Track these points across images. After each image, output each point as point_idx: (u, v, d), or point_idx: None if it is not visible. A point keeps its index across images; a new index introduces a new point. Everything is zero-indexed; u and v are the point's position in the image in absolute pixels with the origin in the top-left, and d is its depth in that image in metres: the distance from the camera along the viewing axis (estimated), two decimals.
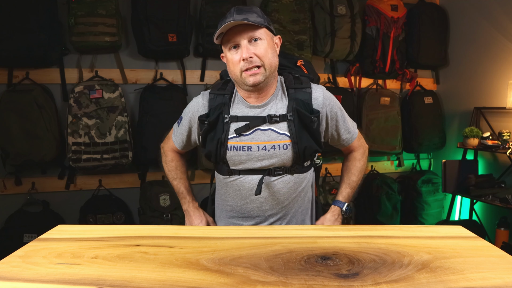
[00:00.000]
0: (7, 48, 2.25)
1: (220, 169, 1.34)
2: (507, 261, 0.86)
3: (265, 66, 1.19)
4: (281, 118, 1.24)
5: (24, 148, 2.34)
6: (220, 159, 1.28)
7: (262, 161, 1.26)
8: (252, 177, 1.27)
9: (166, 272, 0.80)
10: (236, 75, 1.21)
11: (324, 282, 0.76)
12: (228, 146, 1.25)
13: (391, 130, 3.11)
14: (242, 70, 1.18)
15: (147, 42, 2.48)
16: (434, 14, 3.13)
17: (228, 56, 1.21)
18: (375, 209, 3.09)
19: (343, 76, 3.19)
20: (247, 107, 1.27)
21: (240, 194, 1.31)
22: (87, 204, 2.60)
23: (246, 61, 1.17)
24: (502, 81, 2.77)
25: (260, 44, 1.18)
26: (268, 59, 1.19)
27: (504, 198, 2.46)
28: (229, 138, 1.25)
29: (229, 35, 1.18)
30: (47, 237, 0.99)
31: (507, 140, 2.58)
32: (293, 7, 2.74)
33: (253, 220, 1.33)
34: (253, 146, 1.24)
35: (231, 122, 1.25)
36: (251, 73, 1.18)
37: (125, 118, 2.50)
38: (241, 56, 1.17)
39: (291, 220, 1.35)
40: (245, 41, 1.17)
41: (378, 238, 0.99)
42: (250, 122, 1.24)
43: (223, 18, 1.18)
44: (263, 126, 1.25)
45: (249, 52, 1.16)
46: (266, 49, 1.19)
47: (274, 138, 1.24)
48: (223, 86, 1.32)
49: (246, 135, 1.25)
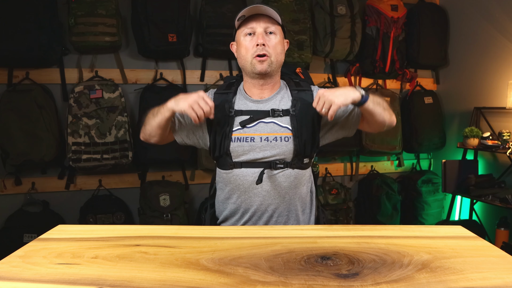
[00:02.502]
0: (7, 48, 2.25)
1: (222, 164, 1.35)
2: (507, 261, 0.86)
3: (272, 58, 1.28)
4: (284, 113, 1.31)
5: (24, 148, 2.34)
6: (224, 151, 1.32)
7: (264, 151, 1.30)
8: (254, 169, 1.31)
9: (166, 272, 0.80)
10: (247, 60, 1.29)
11: (324, 282, 0.76)
12: (232, 138, 1.31)
13: (391, 130, 3.07)
14: (253, 55, 1.27)
15: (147, 42, 2.48)
16: (434, 14, 3.13)
17: (242, 41, 1.30)
18: (375, 209, 3.09)
19: (343, 76, 3.19)
20: (251, 102, 1.34)
21: (244, 188, 1.33)
22: (87, 204, 2.60)
23: (259, 47, 1.26)
24: (502, 81, 2.77)
25: (273, 38, 1.30)
26: (276, 53, 1.29)
27: (504, 198, 2.46)
28: (234, 130, 1.31)
29: (249, 22, 1.29)
30: (47, 237, 0.99)
31: (507, 140, 2.58)
32: (293, 7, 2.74)
33: (256, 215, 1.34)
34: (256, 137, 1.30)
35: (236, 116, 1.32)
36: (260, 60, 1.27)
37: (125, 118, 2.50)
38: (255, 42, 1.27)
39: (291, 216, 1.35)
40: (261, 30, 1.28)
41: (378, 238, 0.99)
42: (254, 115, 1.31)
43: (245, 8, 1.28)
44: (266, 119, 1.31)
45: (264, 39, 1.27)
46: (277, 44, 1.30)
47: (276, 130, 1.30)
48: (227, 87, 1.39)
49: (249, 127, 1.31)
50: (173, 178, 2.83)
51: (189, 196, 2.88)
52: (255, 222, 1.34)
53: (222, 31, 2.58)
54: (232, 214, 1.38)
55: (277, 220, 1.34)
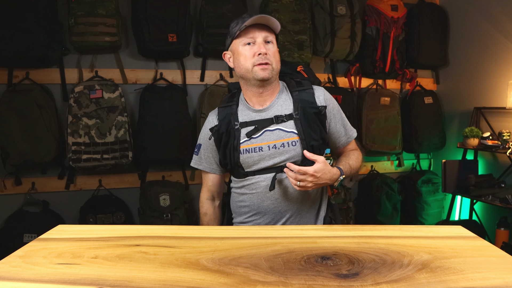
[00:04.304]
0: (7, 48, 2.25)
1: (236, 174, 1.41)
2: (507, 261, 0.86)
3: (273, 66, 1.31)
4: (288, 117, 1.33)
5: (24, 148, 2.34)
6: (235, 163, 1.35)
7: (273, 159, 1.33)
8: (266, 175, 1.35)
9: (166, 272, 0.80)
10: (247, 69, 1.31)
11: (324, 282, 0.76)
12: (241, 150, 1.34)
13: (391, 130, 3.11)
14: (254, 64, 1.29)
15: (147, 42, 2.48)
16: (434, 14, 3.13)
17: (241, 50, 1.31)
18: (375, 209, 3.09)
19: (343, 76, 3.19)
20: (253, 112, 1.36)
21: (257, 193, 1.37)
22: (87, 204, 2.60)
23: (261, 56, 1.28)
24: (502, 81, 2.77)
25: (271, 47, 1.32)
26: (275, 61, 1.32)
27: (504, 198, 2.46)
28: (241, 142, 1.34)
29: (249, 31, 1.30)
30: (47, 237, 0.99)
31: (507, 140, 2.58)
32: (293, 7, 2.74)
33: (269, 218, 1.38)
34: (264, 146, 1.32)
35: (241, 128, 1.34)
36: (262, 67, 1.28)
37: (125, 118, 2.50)
38: (256, 51, 1.28)
39: (304, 216, 1.40)
40: (261, 39, 1.30)
41: (378, 238, 0.99)
42: (258, 124, 1.33)
43: (242, 17, 1.30)
44: (271, 127, 1.34)
45: (265, 48, 1.29)
46: (275, 52, 1.33)
47: (282, 137, 1.33)
48: (230, 98, 1.42)
49: (256, 137, 1.34)
50: (173, 178, 2.83)
51: (189, 196, 2.88)
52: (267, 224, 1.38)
53: (222, 31, 2.58)
54: (246, 215, 1.42)
55: (292, 221, 1.38)
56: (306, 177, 1.23)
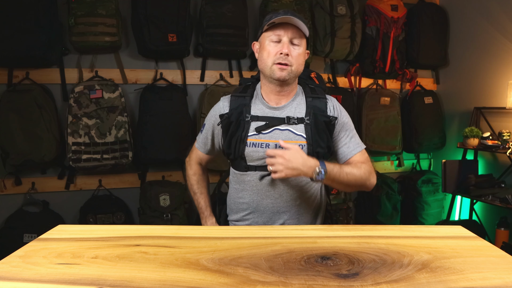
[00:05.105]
0: (7, 48, 2.25)
1: (237, 166, 1.40)
2: (507, 261, 0.86)
3: (293, 68, 1.30)
4: (299, 121, 1.34)
5: (24, 148, 2.34)
6: (239, 155, 1.35)
7: None
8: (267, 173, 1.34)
9: (166, 272, 0.80)
10: (267, 65, 1.31)
11: (324, 282, 0.76)
12: (248, 142, 1.34)
13: (391, 130, 3.11)
14: (274, 62, 1.29)
15: (147, 42, 2.48)
16: (434, 14, 3.13)
17: (267, 45, 1.31)
18: (375, 209, 3.09)
19: (343, 76, 3.19)
20: (267, 108, 1.36)
21: (257, 190, 1.37)
22: (87, 204, 2.60)
23: (282, 55, 1.28)
24: (502, 81, 2.77)
25: (297, 50, 1.31)
26: (297, 64, 1.32)
27: (504, 198, 2.46)
28: (249, 135, 1.34)
29: (278, 28, 1.30)
30: (47, 237, 0.99)
31: (507, 140, 2.58)
32: (293, 7, 2.73)
33: (267, 217, 1.38)
34: (271, 144, 1.33)
35: (252, 121, 1.35)
36: (280, 67, 1.29)
37: (125, 118, 2.50)
38: (280, 50, 1.28)
39: (301, 221, 1.40)
40: (287, 39, 1.30)
41: (378, 238, 0.99)
42: (270, 121, 1.33)
43: (276, 13, 1.31)
44: (281, 126, 1.34)
45: (289, 49, 1.29)
46: (300, 55, 1.32)
47: (291, 138, 1.33)
48: (244, 89, 1.42)
49: (265, 133, 1.34)
50: (173, 178, 2.83)
51: (189, 196, 2.87)
52: (264, 223, 1.39)
53: (222, 31, 2.58)
54: (243, 212, 1.42)
55: (289, 222, 1.38)
56: (277, 159, 1.23)
